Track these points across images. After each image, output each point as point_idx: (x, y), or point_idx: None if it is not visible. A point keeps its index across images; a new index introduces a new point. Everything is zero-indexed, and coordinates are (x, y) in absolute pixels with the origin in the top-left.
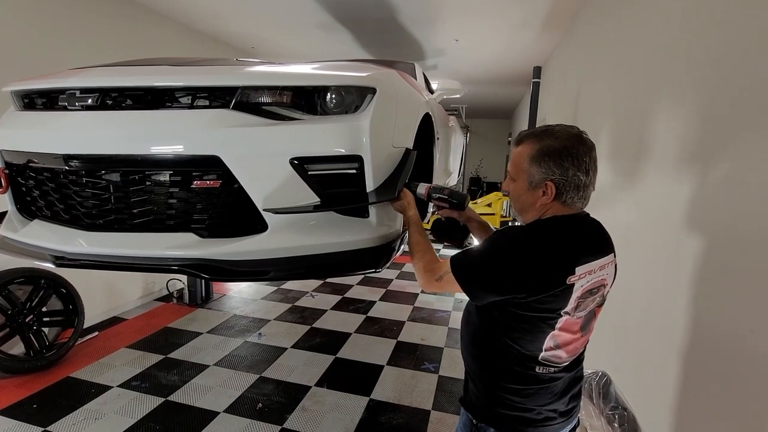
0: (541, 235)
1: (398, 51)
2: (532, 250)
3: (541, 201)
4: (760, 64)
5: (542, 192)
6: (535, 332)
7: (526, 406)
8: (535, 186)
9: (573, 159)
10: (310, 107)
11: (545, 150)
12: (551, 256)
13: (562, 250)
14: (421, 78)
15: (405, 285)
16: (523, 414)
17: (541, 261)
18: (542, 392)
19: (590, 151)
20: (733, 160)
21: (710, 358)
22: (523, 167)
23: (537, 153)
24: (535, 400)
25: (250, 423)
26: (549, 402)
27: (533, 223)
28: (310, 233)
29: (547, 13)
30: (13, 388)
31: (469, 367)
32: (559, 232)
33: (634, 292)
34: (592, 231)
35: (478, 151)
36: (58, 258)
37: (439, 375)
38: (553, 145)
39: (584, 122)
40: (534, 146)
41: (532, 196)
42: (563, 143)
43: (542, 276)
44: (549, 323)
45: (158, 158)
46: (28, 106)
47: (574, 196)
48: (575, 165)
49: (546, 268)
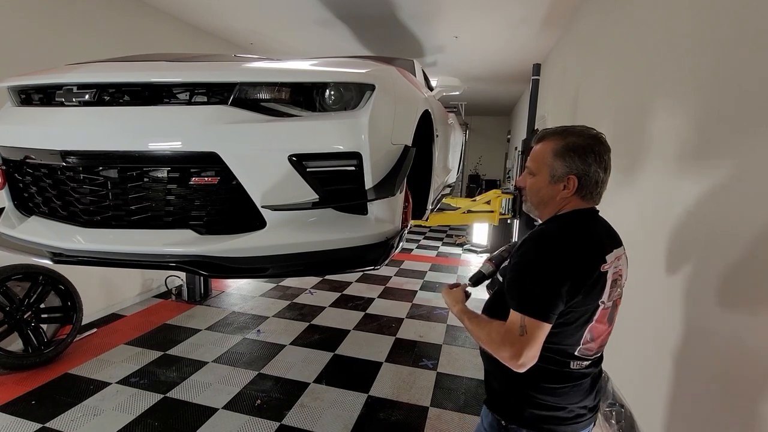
0: (572, 229)
1: (397, 48)
2: (571, 246)
3: (561, 194)
4: (760, 61)
5: (563, 186)
6: (578, 326)
7: (559, 404)
8: (558, 180)
9: (595, 156)
10: (308, 104)
11: (570, 146)
12: (588, 246)
13: (594, 240)
14: (420, 75)
15: (403, 282)
16: (556, 413)
17: (581, 252)
18: (575, 390)
19: (608, 151)
20: (732, 158)
21: (709, 356)
22: (547, 161)
23: (562, 148)
24: (568, 398)
25: (248, 419)
26: (581, 399)
27: (558, 221)
28: (308, 230)
29: (546, 9)
30: (12, 385)
31: (494, 368)
32: (587, 224)
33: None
34: (607, 224)
35: (478, 148)
36: (56, 255)
37: (437, 372)
38: (578, 142)
39: (584, 119)
40: (558, 142)
41: (553, 189)
42: (587, 141)
43: (586, 266)
44: (590, 315)
45: (156, 155)
46: (26, 101)
47: (593, 191)
48: (597, 162)
49: (586, 257)
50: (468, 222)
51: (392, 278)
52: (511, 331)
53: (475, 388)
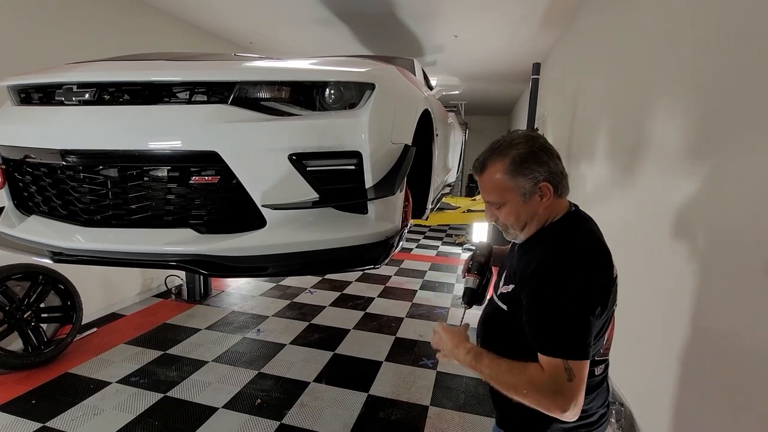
0: (580, 247)
1: (397, 47)
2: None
3: (542, 205)
4: (760, 60)
5: (539, 197)
6: (602, 332)
7: (587, 412)
8: (531, 194)
9: (544, 153)
10: (308, 103)
11: (518, 158)
12: (602, 261)
13: (602, 248)
14: (420, 74)
15: (404, 282)
16: (584, 420)
17: (600, 271)
18: (600, 394)
19: (546, 140)
20: (731, 157)
21: (708, 354)
22: (508, 185)
23: (513, 165)
24: (595, 403)
25: (248, 419)
26: (603, 402)
27: (559, 240)
28: (308, 229)
29: (546, 8)
30: (12, 384)
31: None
32: (587, 231)
33: (631, 289)
34: (590, 217)
35: (477, 147)
36: (56, 254)
37: (437, 371)
38: (521, 151)
39: (583, 118)
40: (505, 161)
41: (532, 205)
42: (527, 145)
43: (607, 282)
44: (610, 321)
45: (156, 154)
46: (25, 100)
47: (563, 183)
48: (549, 156)
49: (606, 273)
50: (468, 221)
51: (392, 277)
52: (558, 379)
53: (474, 387)
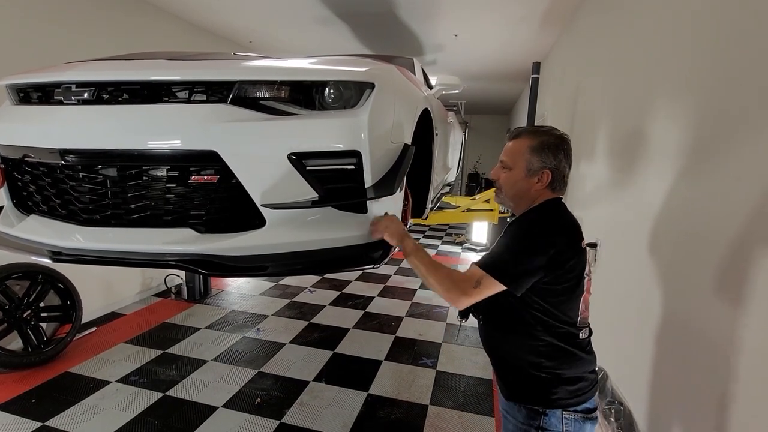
0: (553, 212)
1: (397, 46)
2: (552, 225)
3: (535, 187)
4: (760, 61)
5: (537, 179)
6: (573, 298)
7: (580, 375)
8: (533, 173)
9: (564, 154)
10: (308, 102)
11: (545, 143)
12: (568, 226)
13: (572, 221)
14: (419, 73)
15: (403, 281)
16: (581, 384)
17: (562, 231)
18: (590, 358)
19: (571, 149)
20: (732, 157)
21: (709, 354)
22: (524, 156)
23: (538, 145)
24: (585, 366)
25: (248, 418)
26: (592, 369)
27: (536, 210)
28: (308, 229)
29: (546, 8)
30: (12, 383)
31: (506, 360)
32: (564, 209)
33: (630, 288)
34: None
35: (477, 146)
36: (55, 253)
37: (436, 370)
38: (551, 141)
39: (583, 117)
40: (534, 139)
41: (528, 182)
42: (557, 140)
43: (567, 243)
44: (581, 286)
45: (155, 153)
46: (24, 100)
47: (561, 184)
48: (566, 158)
49: (568, 235)
50: (467, 221)
51: (392, 277)
52: (467, 281)
53: (474, 386)
